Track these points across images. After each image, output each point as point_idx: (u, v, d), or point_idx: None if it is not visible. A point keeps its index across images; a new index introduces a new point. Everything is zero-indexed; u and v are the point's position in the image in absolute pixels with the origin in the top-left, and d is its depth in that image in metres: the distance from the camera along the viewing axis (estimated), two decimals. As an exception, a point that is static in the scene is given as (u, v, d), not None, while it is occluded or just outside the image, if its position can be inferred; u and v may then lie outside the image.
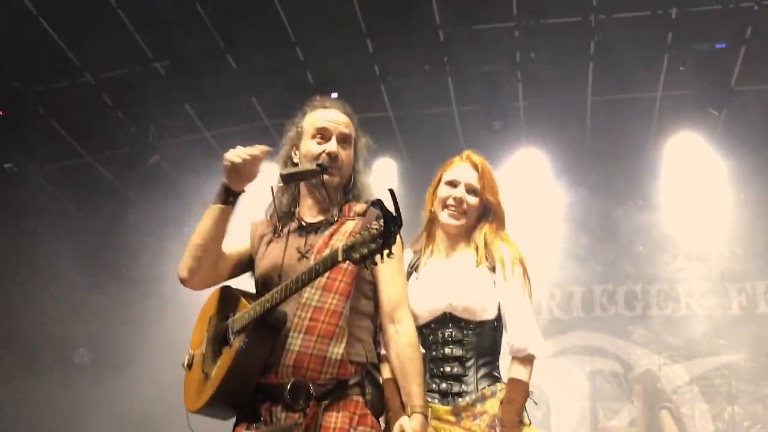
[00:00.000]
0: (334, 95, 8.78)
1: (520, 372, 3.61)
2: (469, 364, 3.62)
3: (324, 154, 3.55)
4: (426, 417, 3.40)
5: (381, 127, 9.58)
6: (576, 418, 10.27)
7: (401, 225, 2.88)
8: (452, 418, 3.55)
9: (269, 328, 3.29)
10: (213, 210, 3.50)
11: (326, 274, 3.28)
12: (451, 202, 3.84)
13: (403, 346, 3.45)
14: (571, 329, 10.45)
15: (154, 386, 8.87)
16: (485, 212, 3.88)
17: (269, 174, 3.68)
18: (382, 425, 3.48)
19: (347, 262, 3.00)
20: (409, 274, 3.82)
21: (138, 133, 9.22)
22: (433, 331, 3.67)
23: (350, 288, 3.42)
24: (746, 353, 10.22)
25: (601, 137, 9.73)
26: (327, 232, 3.50)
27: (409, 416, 3.38)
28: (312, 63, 8.97)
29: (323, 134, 3.61)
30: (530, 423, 3.61)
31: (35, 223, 9.27)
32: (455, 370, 3.60)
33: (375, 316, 3.57)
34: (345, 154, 3.62)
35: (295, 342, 3.30)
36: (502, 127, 8.75)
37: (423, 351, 3.67)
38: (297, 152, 3.67)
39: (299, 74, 9.06)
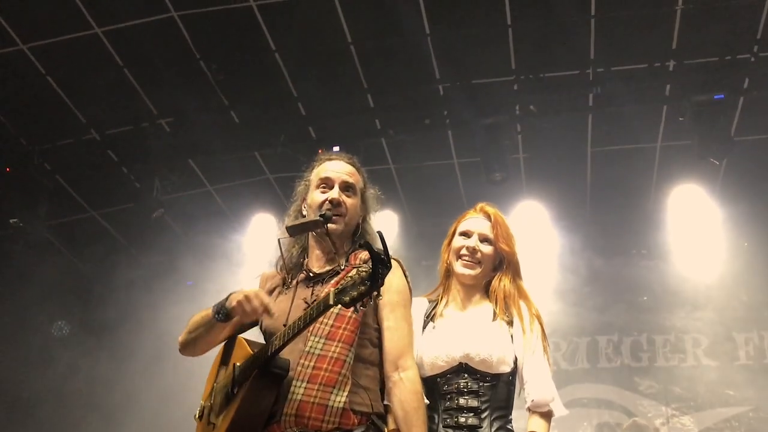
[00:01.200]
0: (336, 149, 8.89)
1: (539, 425, 3.62)
2: (484, 415, 3.60)
3: (327, 203, 3.59)
4: None
5: (382, 180, 9.46)
6: (585, 472, 10.21)
7: (390, 267, 2.89)
8: None
9: (271, 377, 3.29)
10: (210, 319, 3.51)
11: (330, 323, 3.33)
12: (464, 252, 3.88)
13: (407, 394, 3.42)
14: (576, 381, 10.36)
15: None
16: (500, 263, 3.90)
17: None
18: None
19: (339, 306, 3.00)
20: (425, 324, 3.84)
21: (142, 188, 9.28)
22: (448, 381, 3.66)
23: (354, 336, 3.40)
24: (756, 404, 10.12)
25: (601, 188, 9.74)
26: (333, 281, 3.47)
27: None
28: (314, 118, 9.06)
29: (326, 183, 3.67)
30: None
31: (37, 278, 9.34)
32: (470, 420, 3.58)
33: (382, 364, 3.53)
34: (350, 203, 3.65)
35: (298, 391, 3.29)
36: (503, 179, 8.77)
37: (430, 401, 3.65)
38: (305, 205, 3.72)
39: (301, 129, 9.16)
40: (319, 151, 8.94)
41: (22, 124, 9.03)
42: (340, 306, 3.00)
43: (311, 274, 3.62)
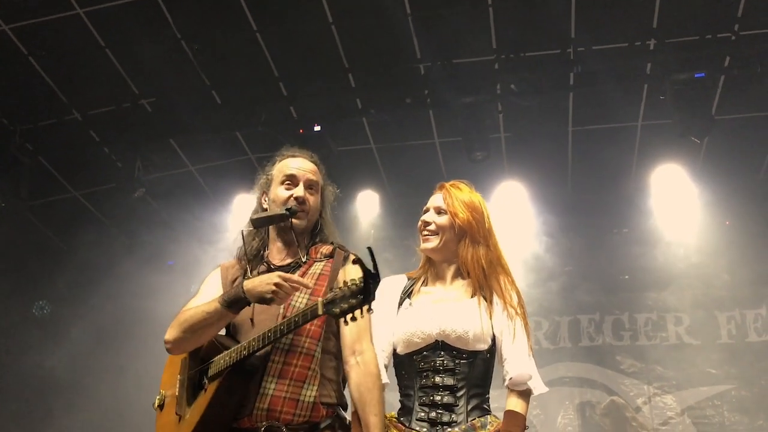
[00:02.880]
0: (317, 128, 8.91)
1: (517, 405, 3.60)
2: (460, 394, 3.59)
3: (292, 199, 3.68)
4: None
5: (363, 160, 9.65)
6: (566, 451, 10.24)
7: (379, 281, 2.99)
8: None
9: (244, 374, 3.37)
10: (221, 311, 3.50)
11: None
12: (421, 227, 3.90)
13: (362, 376, 3.48)
14: (558, 360, 10.37)
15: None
16: (462, 233, 3.86)
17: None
18: None
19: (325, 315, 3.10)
20: (401, 301, 3.84)
21: (124, 168, 9.27)
22: (424, 359, 3.65)
23: (321, 330, 3.50)
24: (737, 383, 10.15)
25: (583, 167, 9.75)
26: (296, 275, 3.54)
27: None
28: (295, 98, 9.05)
29: (292, 180, 3.74)
30: None
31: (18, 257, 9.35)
32: (446, 399, 3.57)
33: (341, 354, 3.62)
34: (312, 200, 3.76)
35: (269, 386, 3.38)
36: (484, 158, 8.77)
37: (406, 379, 3.70)
38: (267, 198, 3.79)
39: (282, 109, 9.16)
40: (300, 131, 9.00)
41: (4, 105, 9.01)
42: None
43: (272, 267, 3.69)
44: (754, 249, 9.74)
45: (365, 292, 2.99)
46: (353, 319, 3.05)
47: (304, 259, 3.67)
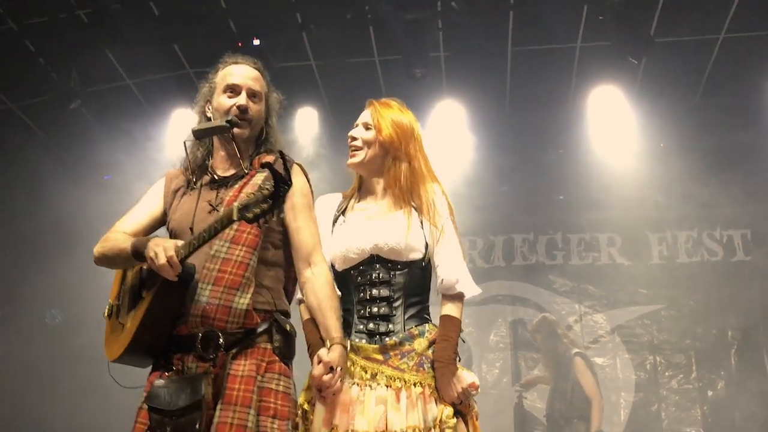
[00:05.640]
0: (257, 42, 8.81)
1: (451, 309, 3.71)
2: (396, 304, 3.70)
3: (234, 108, 3.69)
4: (345, 348, 3.51)
5: (303, 76, 9.58)
6: (498, 368, 10.42)
7: (290, 186, 3.09)
8: (380, 357, 3.63)
9: (179, 282, 3.41)
10: (129, 256, 3.55)
11: (235, 227, 3.44)
12: (349, 142, 3.96)
13: (319, 285, 3.59)
14: (492, 278, 10.50)
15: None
16: (390, 150, 3.92)
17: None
18: (295, 371, 3.57)
19: (241, 221, 3.19)
20: (335, 219, 3.91)
21: (60, 80, 9.12)
22: (361, 273, 3.75)
23: (257, 240, 3.54)
24: (667, 303, 10.40)
25: (522, 88, 9.76)
26: (237, 185, 3.63)
27: (328, 349, 3.50)
28: (234, 11, 8.87)
29: (234, 89, 3.75)
30: (460, 360, 3.72)
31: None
32: (382, 310, 3.69)
33: (284, 264, 3.70)
34: (255, 109, 3.77)
35: (204, 293, 3.43)
36: (423, 75, 8.77)
37: (345, 294, 3.78)
38: (210, 107, 3.80)
39: (221, 22, 8.97)
40: (239, 44, 8.89)
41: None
42: None
43: (216, 177, 3.73)
44: (688, 172, 9.85)
45: (275, 197, 3.07)
46: (266, 223, 3.19)
47: (246, 170, 3.69)
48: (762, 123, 9.69)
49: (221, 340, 3.40)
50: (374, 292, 3.71)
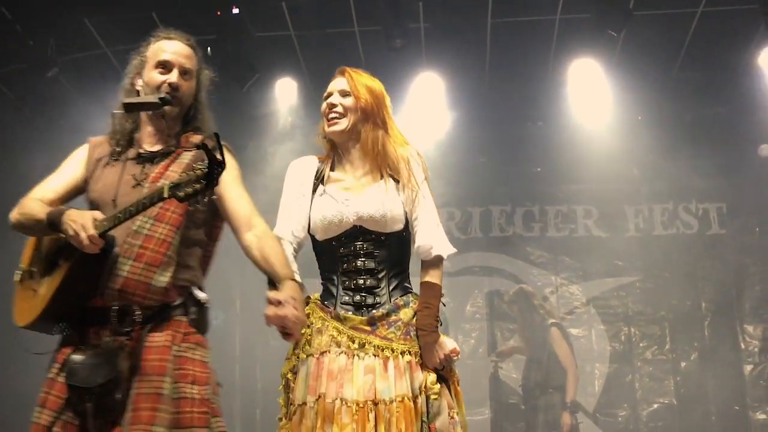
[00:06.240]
0: (236, 11, 8.76)
1: (432, 275, 3.78)
2: (381, 275, 3.74)
3: (166, 85, 3.66)
4: (298, 282, 3.45)
5: (282, 47, 9.53)
6: (474, 338, 10.51)
7: (224, 167, 3.05)
8: (368, 328, 3.67)
9: (98, 254, 3.38)
10: (45, 226, 3.51)
11: (159, 204, 3.39)
12: (327, 110, 3.93)
13: (263, 239, 3.54)
14: (469, 250, 10.55)
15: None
16: (368, 117, 3.92)
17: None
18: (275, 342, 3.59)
19: (172, 199, 3.16)
20: (315, 186, 3.91)
21: (36, 47, 9.04)
22: (344, 244, 3.77)
23: (181, 219, 3.54)
24: (642, 275, 10.50)
25: (501, 60, 9.73)
26: (163, 162, 3.62)
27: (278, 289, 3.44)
28: (213, -22, 8.86)
29: (165, 65, 3.70)
30: (441, 325, 3.79)
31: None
32: (368, 282, 3.73)
33: (204, 243, 3.71)
34: (186, 86, 3.73)
35: (123, 267, 3.41)
36: (403, 46, 8.75)
37: (328, 265, 3.83)
38: (140, 81, 3.76)
39: (201, -10, 8.96)
40: (218, 12, 8.85)
41: None
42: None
43: (142, 152, 3.70)
44: (665, 145, 9.94)
45: (209, 177, 3.05)
46: (197, 203, 3.18)
47: (174, 148, 3.69)
48: (739, 97, 9.76)
49: (137, 314, 3.41)
50: (359, 263, 3.74)
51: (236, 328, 10.36)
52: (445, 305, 3.89)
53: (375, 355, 3.62)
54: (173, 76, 3.68)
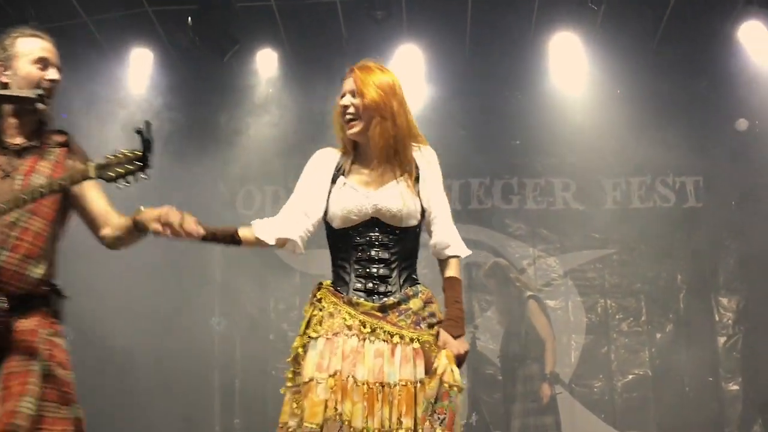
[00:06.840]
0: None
1: (455, 270, 4.01)
2: (393, 266, 3.87)
3: (46, 80, 3.81)
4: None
5: (263, 17, 9.49)
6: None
7: (152, 152, 3.38)
8: (379, 314, 3.79)
9: None
10: None
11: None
12: (342, 110, 3.99)
13: (115, 228, 3.82)
14: (448, 222, 10.48)
15: None
16: (375, 113, 3.95)
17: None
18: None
19: (97, 179, 3.42)
20: (335, 177, 4.01)
21: (15, 17, 8.99)
22: (360, 233, 3.89)
23: (54, 213, 3.73)
24: (619, 247, 10.57)
25: (481, 33, 9.74)
26: (32, 156, 3.74)
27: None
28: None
29: (44, 62, 3.85)
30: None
31: None
32: (381, 271, 3.85)
33: (59, 238, 3.88)
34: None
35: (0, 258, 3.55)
36: (384, 17, 8.76)
37: (342, 252, 3.94)
38: (6, 74, 3.83)
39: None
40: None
41: None
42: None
43: (5, 144, 3.78)
44: (643, 118, 9.95)
45: (144, 159, 3.33)
46: (127, 183, 3.39)
47: (34, 142, 3.79)
48: (717, 71, 9.83)
49: (6, 303, 3.53)
50: (373, 253, 3.86)
51: (215, 299, 10.35)
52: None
53: (384, 341, 3.76)
54: (54, 74, 3.85)
